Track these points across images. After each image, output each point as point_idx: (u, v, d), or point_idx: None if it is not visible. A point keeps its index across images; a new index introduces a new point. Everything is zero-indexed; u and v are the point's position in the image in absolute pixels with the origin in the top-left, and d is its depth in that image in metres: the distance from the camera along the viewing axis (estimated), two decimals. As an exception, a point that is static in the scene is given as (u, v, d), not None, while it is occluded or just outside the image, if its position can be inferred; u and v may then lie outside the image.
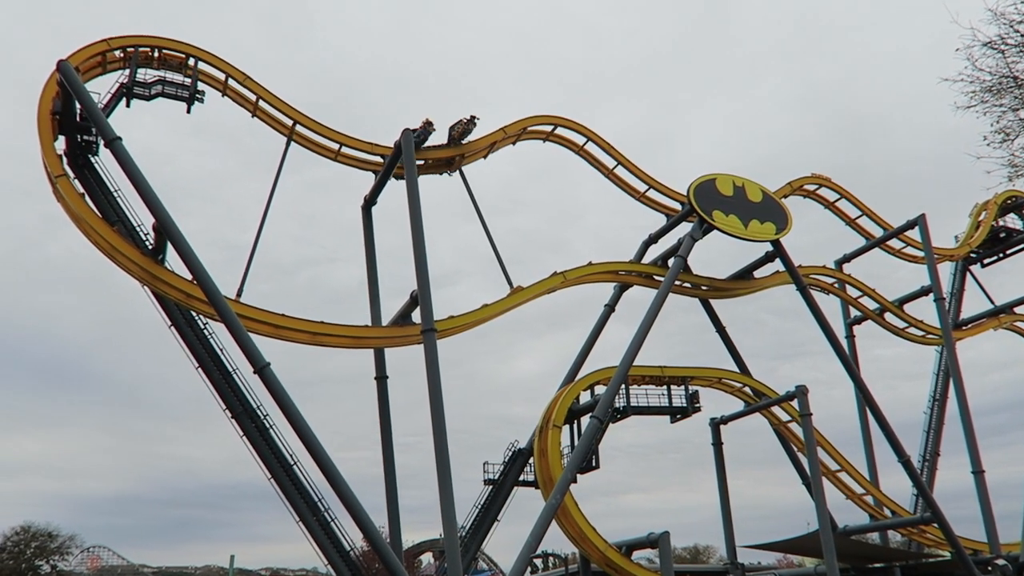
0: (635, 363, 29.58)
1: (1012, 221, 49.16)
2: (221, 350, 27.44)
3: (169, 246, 24.06)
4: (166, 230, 23.25)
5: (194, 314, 26.89)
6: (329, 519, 27.06)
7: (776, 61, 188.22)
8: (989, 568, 33.57)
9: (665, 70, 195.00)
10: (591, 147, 36.83)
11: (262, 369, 22.38)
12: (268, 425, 27.19)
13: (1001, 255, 48.83)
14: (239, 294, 25.80)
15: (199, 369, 26.91)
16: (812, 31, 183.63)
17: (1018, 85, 14.02)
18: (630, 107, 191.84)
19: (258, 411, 27.18)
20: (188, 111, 28.89)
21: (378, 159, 31.75)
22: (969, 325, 47.84)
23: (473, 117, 32.02)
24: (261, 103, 30.02)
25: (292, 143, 30.47)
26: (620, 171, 37.19)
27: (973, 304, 48.92)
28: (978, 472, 36.40)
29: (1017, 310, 47.52)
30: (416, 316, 27.67)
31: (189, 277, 23.80)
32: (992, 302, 47.76)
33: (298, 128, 30.38)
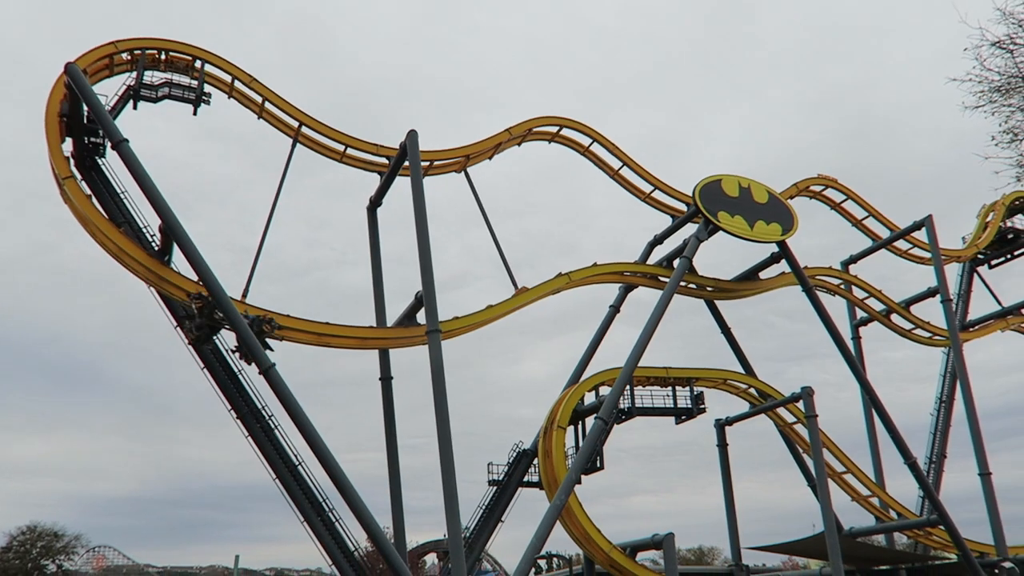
0: (640, 364, 29.55)
1: (1020, 222, 48.99)
2: (227, 351, 27.49)
3: (176, 248, 24.15)
4: (171, 231, 23.33)
5: (200, 315, 26.91)
6: (334, 519, 27.04)
7: (790, 64, 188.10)
8: (996, 571, 33.44)
9: (679, 74, 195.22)
10: (597, 148, 36.80)
11: (267, 370, 22.45)
12: (273, 426, 27.19)
13: (1009, 256, 48.76)
14: (244, 295, 25.82)
15: (204, 370, 26.94)
16: (826, 34, 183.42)
17: (1026, 85, 13.95)
18: (644, 111, 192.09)
19: (263, 412, 27.21)
20: (195, 113, 28.94)
21: (384, 160, 31.74)
22: (976, 327, 47.65)
23: None
24: (267, 105, 30.05)
25: (298, 145, 30.52)
26: (626, 172, 37.16)
27: (981, 305, 48.81)
28: (985, 474, 36.33)
29: (1025, 311, 47.32)
30: (421, 317, 27.70)
31: (195, 278, 23.86)
32: (1000, 303, 47.57)
33: (304, 130, 30.39)
